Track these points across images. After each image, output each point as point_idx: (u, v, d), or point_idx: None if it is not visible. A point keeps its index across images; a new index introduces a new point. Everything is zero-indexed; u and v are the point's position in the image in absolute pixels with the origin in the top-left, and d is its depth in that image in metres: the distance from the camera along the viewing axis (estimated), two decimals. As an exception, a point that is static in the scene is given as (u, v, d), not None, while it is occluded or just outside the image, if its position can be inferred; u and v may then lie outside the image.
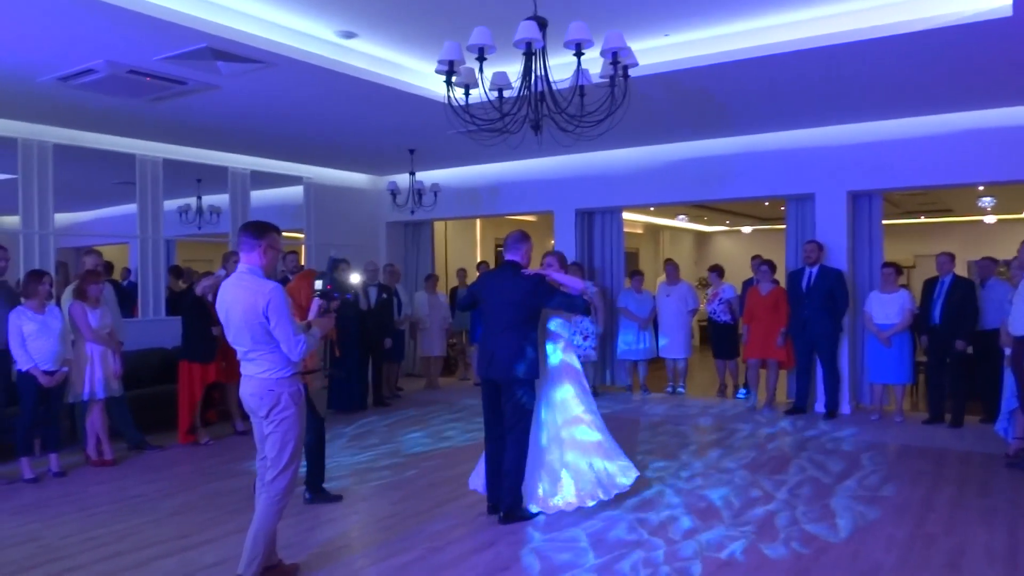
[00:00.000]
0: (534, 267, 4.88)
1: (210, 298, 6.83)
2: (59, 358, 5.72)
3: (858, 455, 6.16)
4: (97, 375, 6.03)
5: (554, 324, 5.06)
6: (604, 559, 4.00)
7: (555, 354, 5.04)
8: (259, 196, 9.68)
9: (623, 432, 6.54)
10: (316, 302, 4.38)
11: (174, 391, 6.95)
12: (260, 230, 3.59)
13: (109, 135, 7.88)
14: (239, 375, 3.69)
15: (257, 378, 3.57)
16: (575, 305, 4.59)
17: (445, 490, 5.37)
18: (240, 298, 3.50)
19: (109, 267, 7.61)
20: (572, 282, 4.86)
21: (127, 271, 9.12)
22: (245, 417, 7.51)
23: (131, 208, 8.41)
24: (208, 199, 9.65)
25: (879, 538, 4.27)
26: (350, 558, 4.14)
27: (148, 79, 5.71)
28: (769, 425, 7.43)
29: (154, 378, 7.55)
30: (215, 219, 9.68)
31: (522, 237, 4.81)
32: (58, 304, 6.09)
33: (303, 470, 5.44)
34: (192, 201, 9.64)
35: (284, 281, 5.35)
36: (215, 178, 9.24)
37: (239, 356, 3.65)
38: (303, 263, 10.49)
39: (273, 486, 3.58)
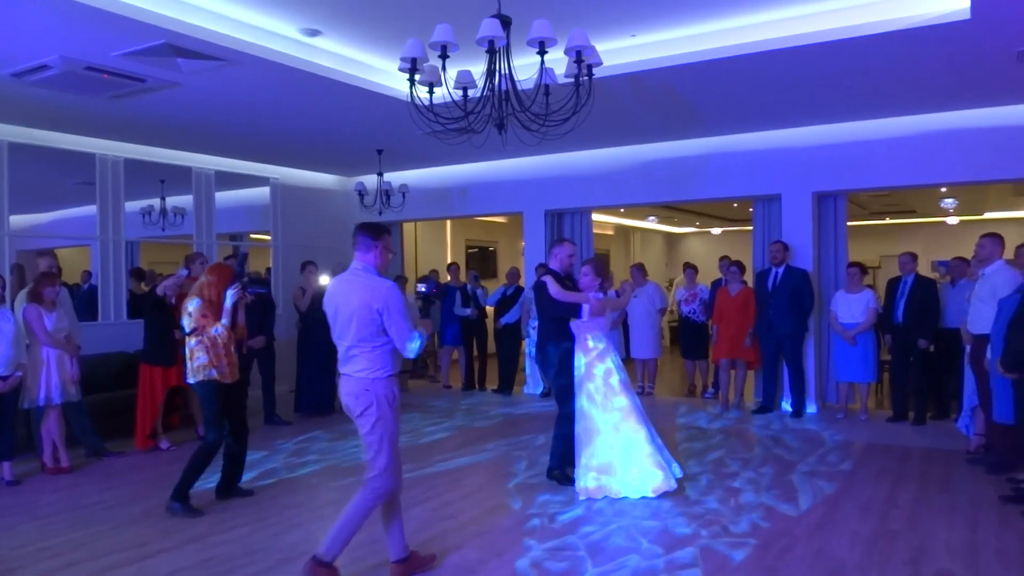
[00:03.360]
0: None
1: (172, 300, 6.71)
2: (12, 362, 5.55)
3: (823, 453, 6.21)
4: (53, 380, 5.88)
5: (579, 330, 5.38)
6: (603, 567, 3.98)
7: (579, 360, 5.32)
8: (224, 197, 9.53)
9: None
10: (231, 294, 4.77)
11: (135, 396, 6.79)
12: (378, 231, 3.71)
13: (67, 134, 7.70)
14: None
15: (355, 377, 3.61)
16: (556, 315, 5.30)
17: (415, 492, 5.31)
18: (355, 294, 3.56)
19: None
20: (571, 297, 5.26)
21: (87, 274, 8.92)
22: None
23: (92, 209, 8.23)
24: (172, 200, 9.48)
25: (843, 534, 4.30)
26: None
27: (105, 76, 5.58)
28: (737, 424, 7.47)
29: (115, 383, 7.38)
30: (179, 221, 9.50)
31: (556, 243, 5.60)
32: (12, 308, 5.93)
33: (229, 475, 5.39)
34: (156, 202, 9.46)
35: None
36: (179, 179, 9.08)
37: (341, 354, 3.67)
38: (270, 264, 10.38)
39: (371, 484, 3.61)
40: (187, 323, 4.99)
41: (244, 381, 7.23)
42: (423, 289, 3.95)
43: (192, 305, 4.98)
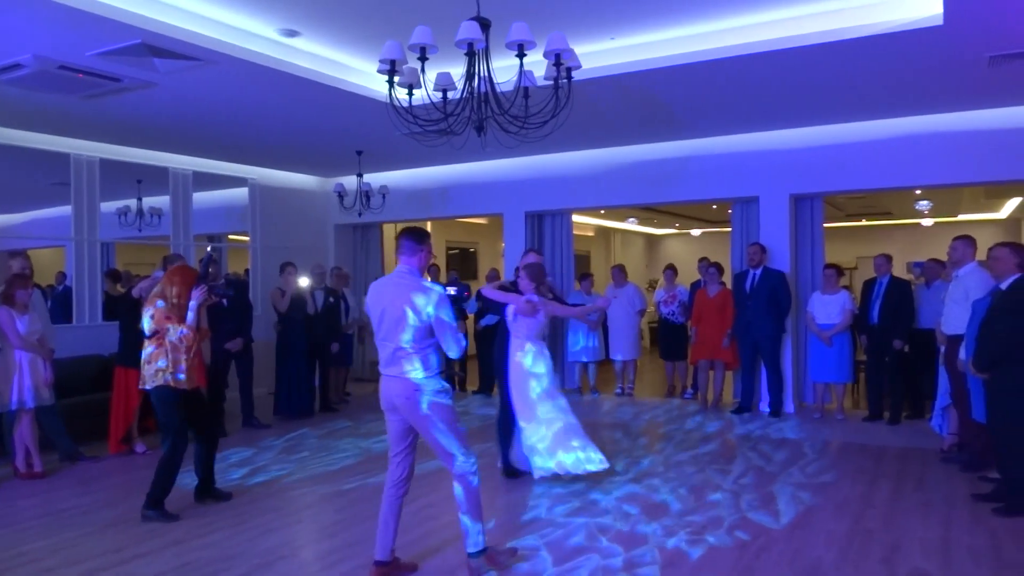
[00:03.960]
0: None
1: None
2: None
3: (801, 453, 6.28)
4: (26, 383, 5.79)
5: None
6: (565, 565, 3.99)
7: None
8: (202, 198, 9.44)
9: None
10: (196, 295, 4.77)
11: (110, 399, 6.72)
12: (421, 237, 3.85)
13: (41, 133, 7.60)
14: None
15: (403, 378, 3.67)
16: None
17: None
18: (402, 297, 3.65)
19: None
20: (497, 295, 5.56)
21: (62, 275, 8.80)
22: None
23: (66, 210, 8.12)
24: (149, 201, 9.38)
25: (819, 533, 4.34)
26: (295, 567, 4.05)
27: (80, 75, 5.51)
28: (716, 424, 7.53)
29: (90, 386, 7.29)
30: (156, 221, 9.41)
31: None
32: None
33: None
34: (132, 203, 9.36)
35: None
36: (156, 179, 8.99)
37: (386, 355, 3.72)
38: (248, 266, 10.31)
39: (462, 470, 3.72)
40: (148, 325, 4.87)
41: (218, 385, 7.23)
42: (454, 291, 4.21)
43: (153, 308, 4.87)
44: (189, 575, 3.93)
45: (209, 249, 5.69)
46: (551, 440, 5.29)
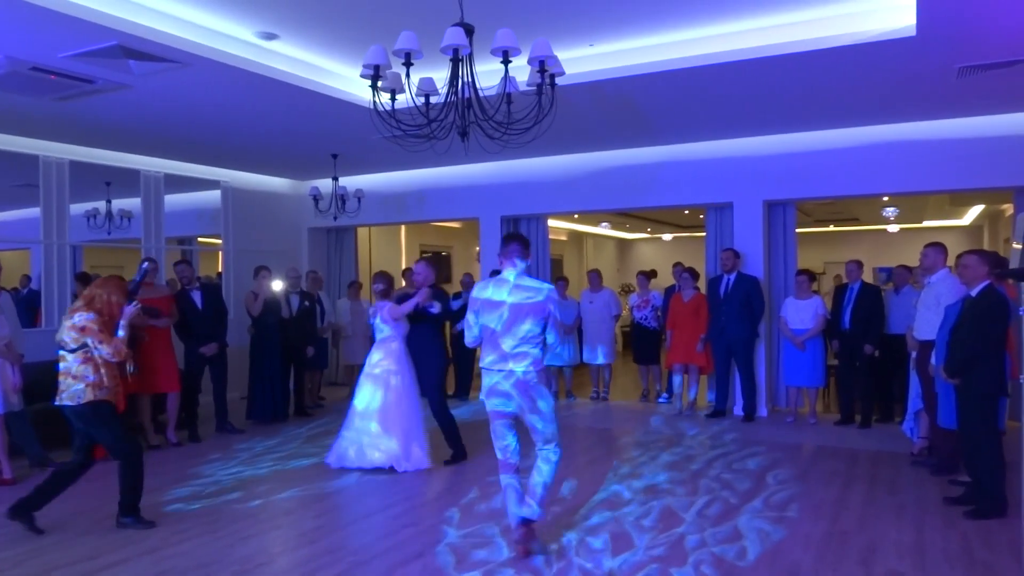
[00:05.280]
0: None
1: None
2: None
3: (775, 456, 6.36)
4: (-5, 389, 5.66)
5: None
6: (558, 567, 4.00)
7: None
8: (174, 200, 9.31)
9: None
10: (127, 311, 4.68)
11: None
12: (527, 241, 4.26)
13: (9, 135, 7.45)
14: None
15: (524, 370, 4.01)
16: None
17: (371, 501, 5.27)
18: (527, 297, 4.03)
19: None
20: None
21: (27, 278, 8.61)
22: (158, 430, 7.21)
23: (33, 212, 7.95)
24: (118, 203, 9.23)
25: (796, 536, 4.40)
26: (272, 575, 4.00)
27: (53, 77, 5.41)
28: (691, 429, 7.60)
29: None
30: (126, 224, 9.26)
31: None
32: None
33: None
34: (101, 205, 9.20)
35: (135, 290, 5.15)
36: (126, 181, 8.84)
37: (505, 350, 4.01)
38: (219, 270, 10.18)
39: (556, 452, 4.17)
40: (71, 339, 4.55)
41: (192, 390, 7.15)
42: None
43: (83, 319, 4.56)
44: (167, 584, 3.88)
45: (146, 263, 5.47)
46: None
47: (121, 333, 4.69)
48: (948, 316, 5.04)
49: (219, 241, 10.11)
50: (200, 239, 10.62)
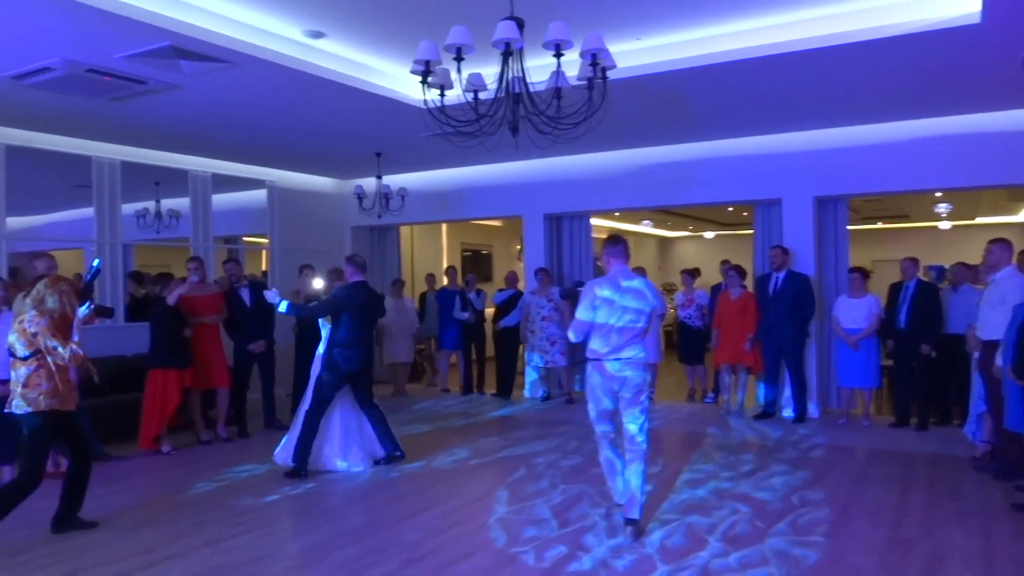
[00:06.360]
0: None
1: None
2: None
3: (830, 459, 6.20)
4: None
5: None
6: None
7: None
8: (220, 199, 9.44)
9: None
10: (82, 313, 4.53)
11: (135, 400, 6.74)
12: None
13: (64, 136, 7.61)
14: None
15: (636, 359, 4.35)
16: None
17: (418, 500, 5.25)
18: (641, 295, 4.38)
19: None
20: None
21: (79, 277, 8.79)
22: (209, 426, 7.32)
23: (87, 212, 8.12)
24: (167, 203, 9.39)
25: (857, 542, 4.27)
26: (325, 569, 4.00)
27: (108, 78, 5.50)
28: (739, 430, 7.45)
29: (114, 386, 7.27)
30: (174, 223, 9.42)
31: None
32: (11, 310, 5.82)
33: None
34: (151, 204, 9.37)
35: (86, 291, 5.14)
36: (175, 181, 8.99)
37: (620, 342, 4.33)
38: (264, 268, 10.29)
39: (645, 444, 4.41)
40: (22, 346, 4.31)
41: (240, 387, 7.22)
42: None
43: (34, 324, 4.31)
44: (221, 579, 3.91)
45: (98, 262, 5.39)
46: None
47: (76, 334, 4.46)
48: (1016, 315, 4.84)
49: (264, 240, 10.22)
50: (245, 238, 10.76)
